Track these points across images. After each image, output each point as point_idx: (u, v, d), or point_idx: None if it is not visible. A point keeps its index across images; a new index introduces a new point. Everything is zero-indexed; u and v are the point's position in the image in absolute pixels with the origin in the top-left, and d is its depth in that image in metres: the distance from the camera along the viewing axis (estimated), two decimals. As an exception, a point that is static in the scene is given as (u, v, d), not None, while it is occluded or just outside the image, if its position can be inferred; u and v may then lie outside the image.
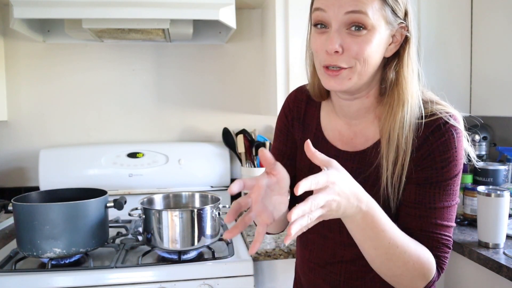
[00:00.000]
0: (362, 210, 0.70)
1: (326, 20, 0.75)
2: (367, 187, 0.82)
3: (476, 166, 1.57)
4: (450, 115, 0.80)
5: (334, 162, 0.69)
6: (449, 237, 0.81)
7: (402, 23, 0.78)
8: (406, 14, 0.79)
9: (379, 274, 0.79)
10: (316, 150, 0.68)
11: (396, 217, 0.81)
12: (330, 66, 0.77)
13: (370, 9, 0.72)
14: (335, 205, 0.66)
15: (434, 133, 0.79)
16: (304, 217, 0.61)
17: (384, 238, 0.73)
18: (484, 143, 1.87)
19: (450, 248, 0.81)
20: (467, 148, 0.83)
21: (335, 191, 0.65)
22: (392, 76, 0.81)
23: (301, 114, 0.95)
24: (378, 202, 0.80)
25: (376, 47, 0.75)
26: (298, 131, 0.95)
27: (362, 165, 0.85)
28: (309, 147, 0.68)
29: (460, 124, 0.81)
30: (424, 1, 1.71)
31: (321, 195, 0.63)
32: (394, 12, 0.76)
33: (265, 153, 0.69)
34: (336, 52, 0.74)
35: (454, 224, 0.82)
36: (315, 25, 0.78)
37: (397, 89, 0.80)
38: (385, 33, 0.76)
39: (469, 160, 0.84)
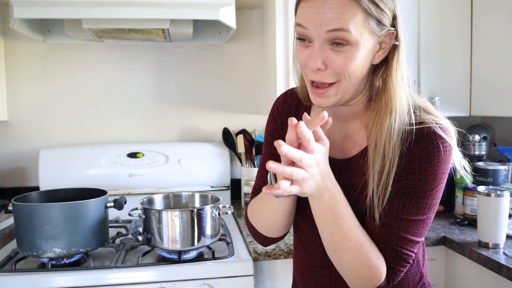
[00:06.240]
0: (331, 191, 0.74)
1: (308, 36, 0.74)
2: (354, 196, 0.81)
3: (470, 186, 1.56)
4: (439, 126, 0.76)
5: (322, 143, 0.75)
6: (411, 251, 0.78)
7: (390, 29, 0.74)
8: (394, 18, 0.75)
9: (332, 262, 0.81)
10: (304, 126, 0.68)
11: (379, 227, 0.79)
12: (315, 82, 0.76)
13: (352, 25, 0.69)
14: (312, 183, 0.71)
15: (418, 142, 0.75)
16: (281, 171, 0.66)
17: (342, 227, 0.75)
18: (484, 143, 1.87)
19: (408, 263, 0.79)
20: (461, 161, 0.79)
21: (316, 171, 0.71)
22: (379, 84, 0.78)
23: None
24: (363, 211, 0.80)
25: (362, 61, 0.73)
26: None
27: (349, 173, 0.84)
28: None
29: (449, 137, 0.76)
30: (424, 1, 1.71)
31: (303, 173, 0.69)
32: (379, 22, 0.72)
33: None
34: (319, 69, 0.73)
35: (421, 239, 0.79)
36: (299, 39, 0.76)
37: (384, 96, 0.76)
38: (370, 43, 0.73)
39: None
